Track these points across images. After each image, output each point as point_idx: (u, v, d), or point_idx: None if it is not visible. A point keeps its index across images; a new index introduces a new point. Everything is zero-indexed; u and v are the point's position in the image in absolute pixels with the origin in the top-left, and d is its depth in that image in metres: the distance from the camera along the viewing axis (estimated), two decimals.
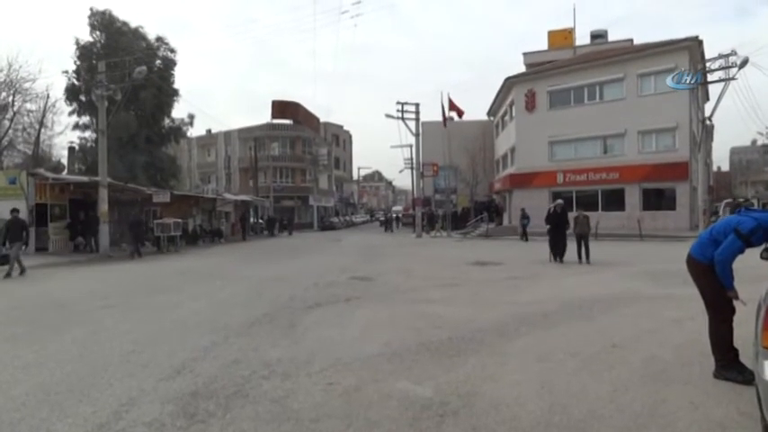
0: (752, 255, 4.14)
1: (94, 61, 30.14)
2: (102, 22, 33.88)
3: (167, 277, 12.65)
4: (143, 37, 34.95)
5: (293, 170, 54.05)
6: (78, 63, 32.95)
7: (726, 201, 32.88)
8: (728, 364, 4.05)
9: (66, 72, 33.03)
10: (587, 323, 6.36)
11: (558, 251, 13.85)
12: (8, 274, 12.41)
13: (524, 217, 25.79)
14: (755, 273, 4.78)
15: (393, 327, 6.29)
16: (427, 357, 4.90)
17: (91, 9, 33.90)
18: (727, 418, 3.34)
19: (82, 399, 3.87)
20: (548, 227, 14.18)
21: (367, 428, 3.31)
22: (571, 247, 13.87)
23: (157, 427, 3.36)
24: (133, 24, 35.07)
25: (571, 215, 14.91)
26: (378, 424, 3.37)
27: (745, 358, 3.91)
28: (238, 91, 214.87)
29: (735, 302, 4.06)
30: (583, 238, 13.56)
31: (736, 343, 4.07)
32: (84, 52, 33.06)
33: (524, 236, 24.98)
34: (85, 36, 35.16)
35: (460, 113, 35.28)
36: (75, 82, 32.78)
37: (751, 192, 63.88)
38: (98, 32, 33.79)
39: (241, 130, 55.22)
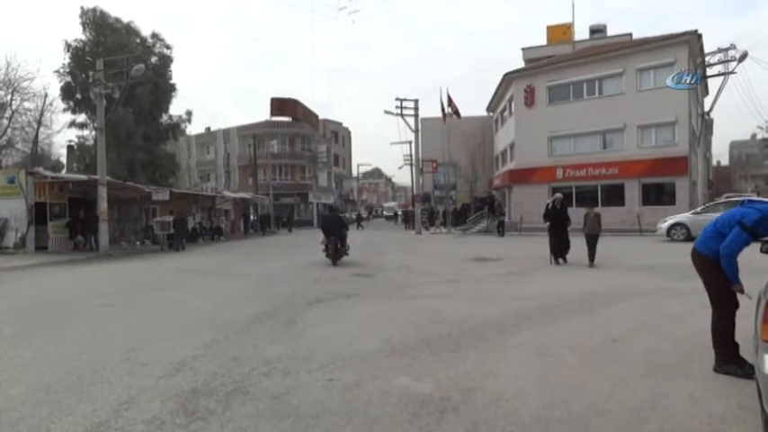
0: (752, 248, 4.14)
1: (89, 59, 30.05)
2: (94, 19, 33.69)
3: (167, 275, 12.64)
4: (136, 33, 34.77)
5: (292, 167, 53.99)
6: (71, 63, 32.77)
7: (725, 195, 32.86)
8: (729, 359, 4.04)
9: (58, 72, 32.88)
10: (587, 318, 6.37)
11: (560, 251, 12.45)
12: None
13: (501, 213, 27.98)
14: (756, 266, 4.77)
15: (393, 323, 6.29)
16: (427, 353, 4.90)
17: (81, 8, 33.70)
18: (727, 412, 3.34)
19: (81, 397, 3.87)
20: (547, 224, 12.85)
21: (367, 425, 3.30)
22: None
23: (157, 425, 3.35)
24: (125, 20, 34.90)
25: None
26: (378, 420, 3.36)
27: (746, 353, 3.91)
28: (237, 88, 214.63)
29: (739, 296, 4.05)
30: (593, 239, 11.97)
31: (737, 337, 4.07)
32: (77, 51, 32.91)
33: (500, 231, 26.41)
34: (78, 34, 35.01)
35: (458, 114, 35.11)
36: (70, 81, 32.64)
37: (750, 186, 63.88)
38: (90, 31, 33.63)
39: (240, 128, 55.16)
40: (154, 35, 35.66)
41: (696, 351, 4.59)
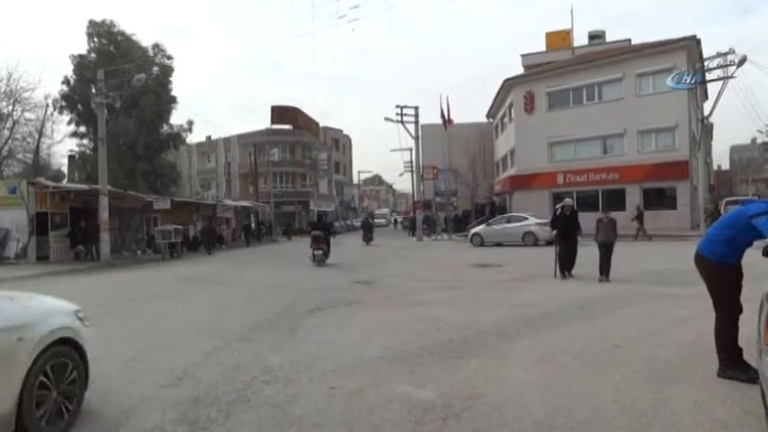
0: (756, 252, 4.14)
1: (88, 72, 30.30)
2: (100, 32, 34.02)
3: (168, 283, 12.63)
4: (139, 45, 35.10)
5: (293, 175, 54.10)
6: (75, 76, 33.02)
7: (726, 199, 32.81)
8: (733, 363, 4.02)
9: (64, 90, 33.20)
10: (589, 324, 6.34)
11: (568, 263, 10.92)
12: None
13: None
14: (758, 270, 4.76)
15: (394, 330, 6.28)
16: (429, 360, 4.88)
17: (90, 21, 34.05)
18: (731, 418, 3.32)
19: (83, 406, 3.85)
20: (554, 232, 11.38)
21: None
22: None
23: None
24: (129, 33, 35.32)
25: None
26: (380, 428, 3.35)
27: (750, 357, 3.89)
28: (237, 97, 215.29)
29: (743, 300, 4.03)
30: (607, 249, 10.26)
31: (741, 342, 4.05)
32: (82, 63, 33.18)
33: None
34: (83, 45, 35.44)
35: (450, 122, 35.26)
36: (72, 93, 32.88)
37: (752, 189, 63.85)
38: (95, 42, 33.93)
39: (241, 136, 55.30)
40: (155, 45, 35.99)
41: (699, 356, 4.56)
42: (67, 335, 3.46)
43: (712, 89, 30.13)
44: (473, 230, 25.27)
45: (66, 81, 33.02)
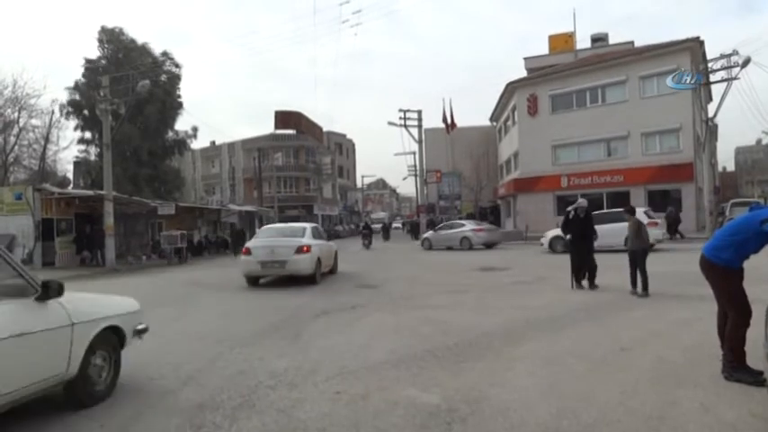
0: (761, 255, 4.11)
1: (100, 78, 30.56)
2: (111, 39, 34.30)
3: (173, 289, 12.65)
4: (149, 53, 35.32)
5: (297, 180, 54.24)
6: (85, 80, 33.27)
7: (732, 201, 32.65)
8: (740, 366, 3.99)
9: (73, 94, 33.38)
10: (594, 326, 6.32)
11: (585, 272, 9.61)
12: None
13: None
14: (765, 272, 4.74)
15: (399, 334, 6.27)
16: (434, 364, 4.87)
17: (102, 27, 34.36)
18: (739, 420, 3.30)
19: (87, 414, 3.86)
20: (568, 237, 10.06)
21: None
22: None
23: None
24: (140, 41, 35.61)
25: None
26: None
27: (756, 360, 3.85)
28: (241, 102, 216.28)
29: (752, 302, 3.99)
30: (639, 257, 8.55)
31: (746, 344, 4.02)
32: (92, 69, 33.44)
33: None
34: (89, 52, 35.75)
35: (453, 126, 35.30)
36: (78, 99, 33.10)
37: (757, 191, 63.52)
38: (106, 49, 34.23)
39: (245, 141, 55.54)
40: (164, 53, 36.17)
41: (705, 358, 4.53)
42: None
43: (716, 90, 30.13)
44: (424, 236, 27.15)
45: (75, 86, 33.25)
